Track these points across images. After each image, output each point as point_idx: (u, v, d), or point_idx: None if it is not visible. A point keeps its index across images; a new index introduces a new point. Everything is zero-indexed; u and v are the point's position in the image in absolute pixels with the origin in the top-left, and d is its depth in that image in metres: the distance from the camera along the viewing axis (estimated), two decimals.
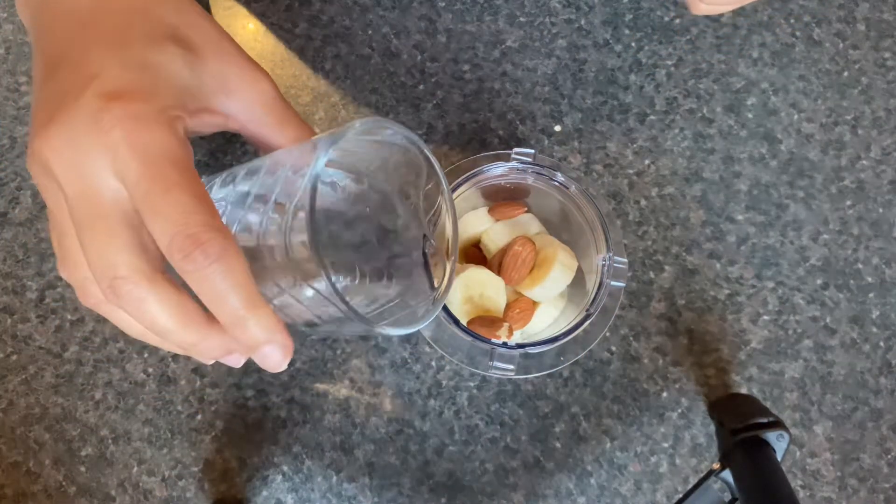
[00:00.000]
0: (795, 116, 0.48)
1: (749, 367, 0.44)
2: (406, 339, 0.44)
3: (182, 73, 0.25)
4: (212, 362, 0.27)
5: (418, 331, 0.27)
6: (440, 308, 0.29)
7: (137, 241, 0.23)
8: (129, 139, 0.22)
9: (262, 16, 0.51)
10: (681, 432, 0.43)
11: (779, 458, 0.37)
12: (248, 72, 0.28)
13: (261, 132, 0.29)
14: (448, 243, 0.30)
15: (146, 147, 0.22)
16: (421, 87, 0.49)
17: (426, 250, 0.30)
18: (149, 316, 0.23)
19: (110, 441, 0.43)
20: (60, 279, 0.45)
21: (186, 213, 0.22)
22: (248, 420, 0.43)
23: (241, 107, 0.28)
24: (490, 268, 0.41)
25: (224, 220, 0.24)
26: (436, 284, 0.29)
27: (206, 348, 0.24)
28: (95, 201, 0.23)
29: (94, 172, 0.22)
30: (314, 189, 0.22)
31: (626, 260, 0.38)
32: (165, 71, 0.25)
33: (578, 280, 0.40)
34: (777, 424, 0.38)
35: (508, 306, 0.40)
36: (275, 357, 0.24)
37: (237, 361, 0.26)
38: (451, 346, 0.38)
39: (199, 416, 0.43)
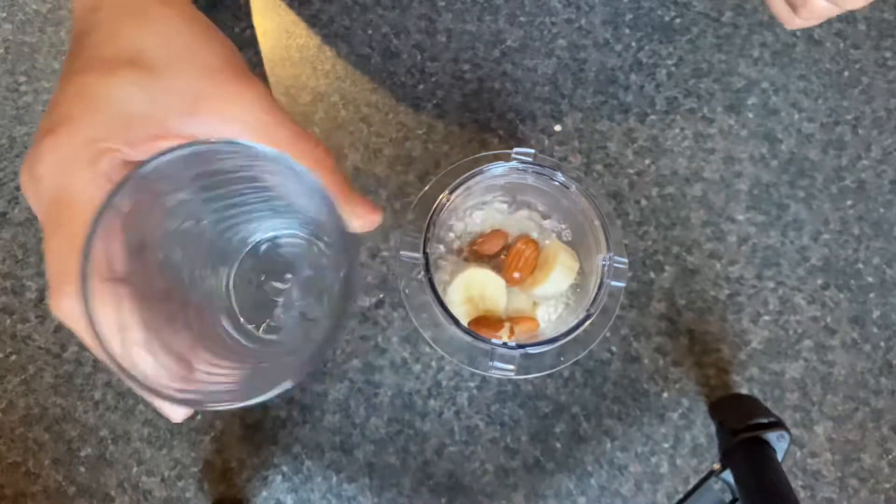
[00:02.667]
0: (796, 116, 0.48)
1: (749, 367, 0.44)
2: (406, 339, 0.44)
3: (131, 98, 0.24)
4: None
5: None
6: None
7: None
8: (48, 177, 0.23)
9: (261, 15, 0.50)
10: (681, 433, 0.43)
11: (779, 459, 0.37)
12: (229, 86, 0.25)
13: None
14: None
15: (58, 186, 0.23)
16: (421, 87, 0.49)
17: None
18: (82, 336, 0.23)
19: (110, 441, 0.43)
20: None
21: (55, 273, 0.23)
22: (248, 420, 0.43)
23: (216, 126, 0.25)
24: (497, 263, 0.41)
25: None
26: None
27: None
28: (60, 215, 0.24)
29: (29, 200, 0.24)
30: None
31: (626, 260, 0.38)
32: (107, 99, 0.24)
33: (579, 280, 0.40)
34: (777, 425, 0.38)
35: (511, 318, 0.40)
36: None
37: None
38: (451, 346, 0.38)
39: (198, 416, 0.43)
